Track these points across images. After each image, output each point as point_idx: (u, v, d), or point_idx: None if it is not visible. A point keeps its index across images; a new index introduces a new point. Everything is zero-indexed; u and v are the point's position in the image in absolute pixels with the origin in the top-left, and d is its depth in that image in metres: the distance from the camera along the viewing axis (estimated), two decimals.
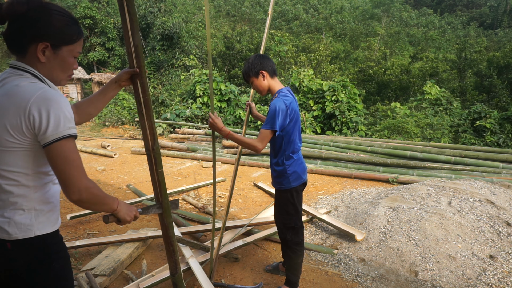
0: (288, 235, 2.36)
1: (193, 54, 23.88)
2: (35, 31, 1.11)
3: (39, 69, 1.16)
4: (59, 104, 1.08)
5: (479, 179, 4.58)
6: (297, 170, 2.25)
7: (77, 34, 1.21)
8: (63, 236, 1.29)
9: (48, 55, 1.16)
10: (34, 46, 1.13)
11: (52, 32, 1.13)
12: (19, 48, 1.15)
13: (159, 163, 1.46)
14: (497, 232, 3.01)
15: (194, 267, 2.48)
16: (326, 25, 41.00)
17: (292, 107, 2.14)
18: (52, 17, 1.13)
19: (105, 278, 2.46)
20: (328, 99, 11.24)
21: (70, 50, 1.20)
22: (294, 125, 2.18)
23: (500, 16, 54.91)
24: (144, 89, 1.34)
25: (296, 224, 2.35)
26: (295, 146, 2.23)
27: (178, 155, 7.12)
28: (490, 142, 10.80)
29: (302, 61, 19.94)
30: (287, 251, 2.40)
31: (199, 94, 11.55)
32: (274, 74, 2.21)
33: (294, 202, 2.30)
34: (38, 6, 1.12)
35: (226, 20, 44.21)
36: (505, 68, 18.99)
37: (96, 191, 1.17)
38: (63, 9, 1.18)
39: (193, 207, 4.24)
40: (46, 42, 1.13)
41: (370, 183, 5.39)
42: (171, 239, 1.57)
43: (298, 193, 2.32)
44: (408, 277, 2.67)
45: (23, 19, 1.10)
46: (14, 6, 1.09)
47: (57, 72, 1.21)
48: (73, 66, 1.24)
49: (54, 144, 1.06)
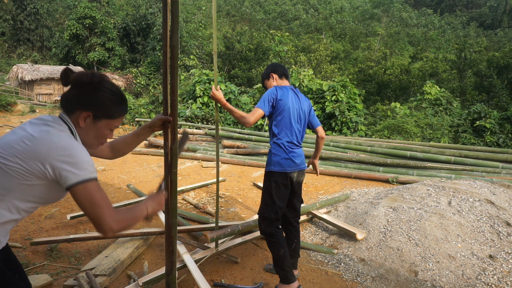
0: (262, 225, 2.41)
1: (193, 54, 23.87)
2: (85, 101, 1.26)
3: (77, 131, 1.30)
4: (82, 151, 1.19)
5: (479, 179, 4.58)
6: (281, 159, 2.35)
7: (120, 112, 1.34)
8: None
9: (88, 122, 1.29)
10: (79, 112, 1.26)
11: (98, 106, 1.27)
12: (69, 109, 1.28)
13: (174, 163, 1.50)
14: (497, 232, 3.01)
15: (190, 264, 2.48)
16: (326, 25, 41.01)
17: (283, 98, 2.36)
18: (103, 94, 1.27)
19: (105, 278, 2.46)
20: (328, 99, 11.24)
21: (109, 123, 1.33)
22: (282, 117, 2.36)
23: (500, 16, 54.92)
24: (173, 89, 1.39)
25: (269, 215, 2.37)
26: (283, 138, 2.37)
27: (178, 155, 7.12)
28: (490, 142, 10.80)
29: (302, 61, 19.94)
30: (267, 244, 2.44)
31: (199, 94, 11.55)
32: (283, 76, 2.53)
33: (271, 191, 2.37)
34: (97, 81, 1.26)
35: (226, 20, 44.22)
36: (505, 68, 18.99)
37: (125, 219, 1.23)
38: (116, 88, 1.32)
39: (193, 207, 4.24)
40: (90, 112, 1.27)
41: (370, 183, 5.39)
42: (173, 239, 1.58)
43: (278, 186, 2.36)
44: (408, 277, 2.67)
45: (81, 88, 1.26)
46: (82, 76, 1.25)
47: (91, 138, 1.33)
48: (107, 136, 1.37)
49: (78, 186, 1.14)
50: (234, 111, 2.32)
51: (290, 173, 2.39)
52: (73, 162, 1.14)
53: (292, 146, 2.40)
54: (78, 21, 26.39)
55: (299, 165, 2.44)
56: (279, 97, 2.36)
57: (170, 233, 1.57)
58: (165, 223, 1.58)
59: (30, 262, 2.75)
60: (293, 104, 2.40)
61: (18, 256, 2.82)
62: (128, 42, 29.72)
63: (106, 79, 1.30)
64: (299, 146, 2.48)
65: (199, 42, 28.11)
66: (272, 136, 2.45)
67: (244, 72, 20.12)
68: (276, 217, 2.38)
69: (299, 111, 2.44)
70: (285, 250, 2.36)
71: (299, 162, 2.44)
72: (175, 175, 1.52)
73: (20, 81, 22.24)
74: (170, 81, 1.39)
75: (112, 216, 1.18)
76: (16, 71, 22.13)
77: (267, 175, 2.43)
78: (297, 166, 2.42)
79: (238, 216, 4.02)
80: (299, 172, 2.47)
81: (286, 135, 2.38)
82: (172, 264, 1.63)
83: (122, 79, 24.63)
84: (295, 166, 2.40)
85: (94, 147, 1.38)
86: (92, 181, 1.16)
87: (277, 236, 2.38)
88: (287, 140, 2.38)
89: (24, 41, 30.60)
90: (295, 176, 2.44)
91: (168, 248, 1.60)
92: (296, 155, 2.41)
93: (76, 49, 27.66)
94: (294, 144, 2.42)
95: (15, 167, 1.14)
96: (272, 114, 2.39)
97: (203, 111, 11.07)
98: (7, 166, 1.15)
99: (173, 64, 1.36)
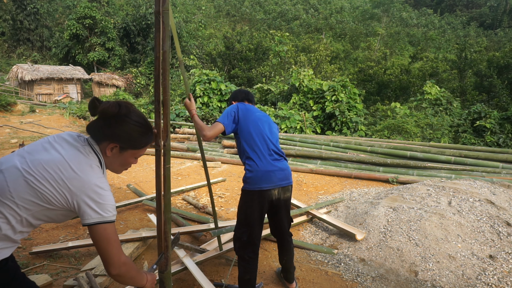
0: (236, 245, 2.22)
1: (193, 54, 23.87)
2: (111, 133, 1.30)
3: (104, 159, 1.34)
4: (106, 195, 1.24)
5: (479, 179, 4.58)
6: (256, 176, 2.10)
7: (145, 142, 1.39)
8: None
9: (115, 152, 1.34)
10: (107, 143, 1.31)
11: (125, 138, 1.32)
12: (97, 138, 1.33)
13: (167, 159, 1.58)
14: (497, 232, 3.01)
15: (191, 267, 2.48)
16: (326, 25, 41.00)
17: (246, 111, 2.24)
18: (129, 126, 1.31)
19: (105, 278, 2.46)
20: (328, 99, 11.24)
21: (134, 153, 1.38)
22: (250, 130, 2.17)
23: (500, 16, 54.90)
24: (165, 89, 1.51)
25: (242, 237, 2.16)
26: (252, 153, 2.14)
27: (178, 155, 7.12)
28: (490, 142, 10.80)
29: (302, 61, 19.93)
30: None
31: (199, 94, 11.56)
32: (245, 100, 2.45)
33: (245, 211, 2.15)
34: (124, 114, 1.30)
35: (226, 20, 44.22)
36: (505, 68, 18.99)
37: (131, 266, 1.31)
38: (142, 118, 1.35)
39: (193, 207, 4.24)
40: (117, 143, 1.31)
41: (370, 183, 5.39)
42: (167, 235, 1.60)
43: (253, 208, 2.11)
44: (408, 277, 2.67)
45: (108, 120, 1.29)
46: (109, 108, 1.28)
47: (116, 166, 1.39)
48: (131, 164, 1.43)
49: (98, 226, 1.21)
50: (196, 122, 2.16)
51: (268, 191, 2.12)
52: (100, 203, 1.21)
53: (269, 158, 2.15)
54: (78, 21, 26.39)
55: (280, 182, 2.15)
56: (241, 110, 2.22)
57: (165, 229, 1.59)
58: (157, 219, 1.60)
59: (30, 262, 2.75)
60: (259, 117, 2.25)
61: (17, 256, 2.82)
62: (128, 42, 29.72)
63: (133, 109, 1.33)
64: (279, 158, 2.21)
65: (199, 42, 28.12)
66: (243, 152, 2.20)
67: (244, 72, 20.12)
68: (249, 241, 2.15)
69: (268, 121, 2.29)
70: (251, 276, 2.18)
71: (280, 177, 2.15)
72: (168, 170, 1.58)
73: (20, 81, 22.24)
74: (163, 81, 1.50)
75: (122, 258, 1.26)
76: (16, 71, 22.12)
77: (242, 193, 2.20)
78: (277, 183, 2.14)
79: None
80: (280, 189, 2.17)
81: (259, 148, 2.15)
82: (167, 260, 1.65)
83: (122, 79, 24.63)
84: (273, 182, 2.12)
85: (118, 173, 1.44)
86: (111, 223, 1.23)
87: (249, 262, 2.16)
88: (262, 153, 2.14)
89: (24, 41, 30.59)
90: (275, 194, 2.15)
91: (163, 244, 1.62)
92: (276, 169, 2.14)
93: (76, 49, 27.66)
94: (272, 155, 2.17)
95: (44, 191, 1.17)
96: (237, 130, 2.20)
97: (203, 111, 11.07)
98: (38, 187, 1.17)
99: (164, 67, 1.49)
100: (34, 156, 1.22)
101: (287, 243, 2.38)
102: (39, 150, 1.24)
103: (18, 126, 11.03)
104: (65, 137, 1.31)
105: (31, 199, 1.17)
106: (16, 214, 1.17)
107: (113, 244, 1.24)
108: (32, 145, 1.29)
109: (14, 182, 1.16)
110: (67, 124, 12.52)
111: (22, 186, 1.16)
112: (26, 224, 1.21)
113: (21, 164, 1.19)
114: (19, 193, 1.16)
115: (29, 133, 9.88)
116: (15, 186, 1.16)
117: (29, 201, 1.17)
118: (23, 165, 1.19)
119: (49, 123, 12.25)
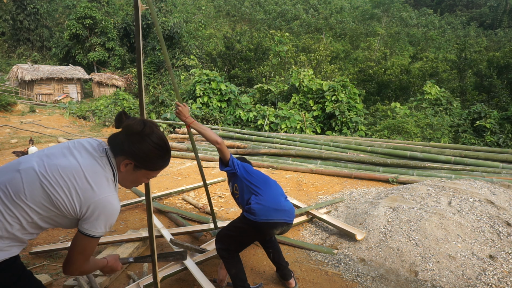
0: (217, 245, 2.30)
1: (193, 54, 23.87)
2: (130, 150, 1.29)
3: (118, 173, 1.35)
4: (113, 211, 1.26)
5: (479, 179, 4.58)
6: (264, 209, 2.18)
7: (161, 166, 1.38)
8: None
9: (128, 169, 1.34)
10: (123, 158, 1.31)
11: (141, 158, 1.31)
12: (115, 150, 1.33)
13: None
14: (497, 232, 3.01)
15: (191, 267, 2.48)
16: (326, 25, 40.99)
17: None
18: (148, 147, 1.30)
19: (105, 278, 2.46)
20: (328, 99, 11.24)
21: (148, 173, 1.38)
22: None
23: (500, 16, 54.89)
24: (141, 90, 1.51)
25: (229, 247, 2.25)
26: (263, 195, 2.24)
27: (178, 155, 7.12)
28: (490, 142, 10.80)
29: (302, 61, 19.94)
30: None
31: (199, 94, 11.55)
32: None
33: (242, 233, 2.24)
34: (147, 133, 1.30)
35: (226, 20, 44.22)
36: (505, 68, 18.98)
37: (87, 271, 1.33)
38: (163, 141, 1.35)
39: (193, 207, 4.24)
40: (132, 161, 1.31)
41: (370, 183, 5.39)
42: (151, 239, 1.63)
43: (251, 234, 2.24)
44: (408, 277, 2.67)
45: (130, 137, 1.29)
46: (134, 125, 1.29)
47: (127, 182, 1.39)
48: (143, 183, 1.44)
49: (86, 236, 1.23)
50: (205, 132, 2.21)
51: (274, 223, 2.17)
52: (104, 221, 1.24)
53: (279, 201, 2.24)
54: (78, 21, 26.37)
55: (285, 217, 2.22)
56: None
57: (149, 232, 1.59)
58: (148, 225, 1.62)
59: (30, 262, 2.75)
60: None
61: None
62: (128, 42, 29.70)
63: (156, 130, 1.33)
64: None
65: (199, 42, 28.11)
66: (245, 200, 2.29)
67: (244, 72, 20.12)
68: (236, 250, 2.29)
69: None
70: (237, 268, 2.26)
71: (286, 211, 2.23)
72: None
73: (20, 81, 22.23)
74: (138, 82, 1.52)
75: (83, 267, 1.30)
76: (16, 71, 22.11)
77: (243, 217, 2.26)
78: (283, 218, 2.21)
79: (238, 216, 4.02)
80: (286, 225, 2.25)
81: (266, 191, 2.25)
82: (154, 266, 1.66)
83: (122, 79, 24.62)
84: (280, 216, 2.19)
85: (128, 188, 1.47)
86: (97, 239, 1.26)
87: (229, 258, 2.26)
88: (268, 196, 2.22)
89: (24, 41, 30.57)
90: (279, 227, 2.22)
91: (152, 249, 1.61)
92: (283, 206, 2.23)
93: (76, 49, 27.65)
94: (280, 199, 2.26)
95: (57, 198, 1.18)
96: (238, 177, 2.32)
97: (203, 111, 11.07)
98: (51, 193, 1.18)
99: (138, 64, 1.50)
100: (52, 160, 1.22)
101: (270, 241, 2.48)
102: (57, 154, 1.25)
103: (18, 126, 11.03)
104: (84, 144, 1.32)
105: (44, 204, 1.18)
106: (28, 216, 1.17)
107: (85, 256, 1.27)
108: (52, 148, 1.30)
109: (30, 184, 1.17)
110: (67, 124, 12.51)
111: (38, 190, 1.17)
112: (35, 227, 1.22)
113: (39, 167, 1.19)
114: (34, 196, 1.16)
115: (29, 133, 9.88)
116: (31, 189, 1.16)
117: (42, 205, 1.18)
118: (41, 169, 1.19)
119: (49, 123, 12.24)
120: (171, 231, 3.10)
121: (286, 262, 2.50)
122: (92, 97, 23.24)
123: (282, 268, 2.48)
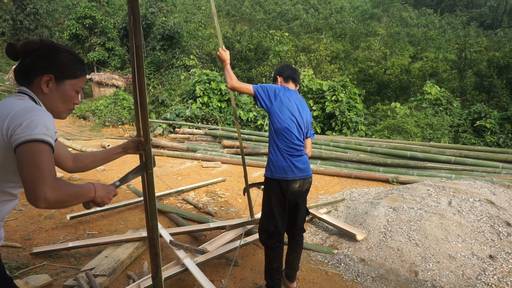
0: (262, 236, 2.34)
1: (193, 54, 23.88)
2: (42, 65, 1.21)
3: (41, 99, 1.23)
4: (42, 114, 1.10)
5: (479, 179, 4.58)
6: (280, 164, 2.22)
7: (80, 71, 1.31)
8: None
9: (51, 86, 1.24)
10: (39, 78, 1.21)
11: (57, 66, 1.23)
12: (27, 79, 1.23)
13: (149, 165, 1.47)
14: (497, 232, 3.01)
15: (192, 268, 2.48)
16: (326, 25, 40.98)
17: (285, 98, 2.27)
18: (59, 53, 1.24)
19: (105, 278, 2.46)
20: (328, 99, 11.24)
21: (73, 84, 1.29)
22: (281, 119, 2.23)
23: (500, 16, 54.89)
24: (141, 89, 1.35)
25: (269, 227, 2.27)
26: (281, 143, 2.24)
27: (178, 155, 7.12)
28: (490, 142, 10.79)
29: (302, 61, 19.93)
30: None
31: (199, 94, 11.55)
32: (289, 79, 2.40)
33: (270, 202, 2.26)
34: (49, 44, 1.24)
35: (226, 20, 44.20)
36: (505, 68, 18.98)
37: (65, 190, 1.07)
38: (70, 48, 1.32)
39: (193, 207, 4.24)
40: (51, 74, 1.22)
41: (370, 183, 5.39)
42: (155, 242, 1.55)
43: (277, 196, 2.23)
44: (408, 277, 2.67)
45: (34, 54, 1.21)
46: (29, 44, 1.21)
47: (58, 104, 1.27)
48: (74, 99, 1.32)
49: (25, 145, 1.02)
50: (227, 70, 2.31)
51: (291, 181, 2.22)
52: (28, 123, 1.04)
53: (293, 152, 2.24)
54: (78, 21, 26.38)
55: (301, 173, 2.26)
56: (281, 95, 2.25)
57: (152, 236, 1.54)
58: (147, 225, 1.55)
59: (30, 262, 2.75)
60: (294, 108, 2.26)
61: (18, 257, 2.82)
62: (128, 42, 29.70)
63: (55, 42, 1.27)
64: (300, 151, 2.29)
65: (199, 42, 28.09)
66: (271, 138, 2.31)
67: (244, 72, 20.12)
68: (277, 230, 2.27)
69: (299, 116, 2.30)
70: (278, 264, 2.30)
71: (302, 168, 2.26)
72: (151, 176, 1.50)
73: None
74: (138, 81, 1.35)
75: (51, 183, 1.01)
76: None
77: (266, 184, 2.31)
78: (299, 174, 2.25)
79: (238, 216, 4.02)
80: (302, 181, 2.28)
81: (285, 139, 2.23)
82: (157, 267, 1.60)
83: (122, 79, 24.61)
84: (295, 174, 2.23)
85: (64, 115, 1.30)
86: (42, 143, 1.03)
87: (275, 251, 2.29)
88: (286, 144, 2.23)
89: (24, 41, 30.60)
90: (297, 185, 2.25)
91: (151, 251, 1.57)
92: (297, 161, 2.25)
93: (76, 49, 27.63)
94: (295, 149, 2.25)
95: None
96: (271, 114, 2.26)
97: (203, 111, 11.07)
98: None
99: (139, 64, 1.32)
100: None
101: (300, 237, 2.47)
102: None
103: None
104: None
105: None
106: None
107: (39, 166, 1.01)
108: None
109: None
110: (67, 124, 12.51)
111: None
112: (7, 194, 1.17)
113: None
114: None
115: None
116: None
117: None
118: None
119: None
120: (170, 231, 3.10)
121: (298, 268, 2.55)
122: (92, 97, 23.23)
123: (293, 270, 2.51)
